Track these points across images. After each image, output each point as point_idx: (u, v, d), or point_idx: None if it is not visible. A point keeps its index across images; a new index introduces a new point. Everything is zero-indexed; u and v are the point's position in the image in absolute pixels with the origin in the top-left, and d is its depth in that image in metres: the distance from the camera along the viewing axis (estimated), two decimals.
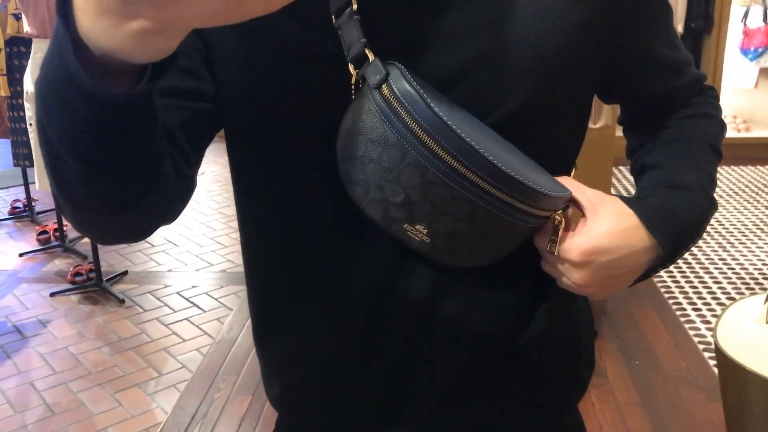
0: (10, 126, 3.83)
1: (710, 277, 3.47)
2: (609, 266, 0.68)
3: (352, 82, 0.65)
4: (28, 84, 3.41)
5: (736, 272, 3.53)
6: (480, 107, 0.67)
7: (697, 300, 3.26)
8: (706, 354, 2.80)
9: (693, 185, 0.74)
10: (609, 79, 0.76)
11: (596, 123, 2.75)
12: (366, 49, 0.63)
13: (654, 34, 0.75)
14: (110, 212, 0.59)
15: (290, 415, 0.87)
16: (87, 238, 0.72)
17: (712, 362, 2.73)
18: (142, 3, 0.43)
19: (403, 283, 0.73)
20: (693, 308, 3.18)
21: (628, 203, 0.71)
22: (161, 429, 2.44)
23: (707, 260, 3.66)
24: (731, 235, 3.97)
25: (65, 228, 3.98)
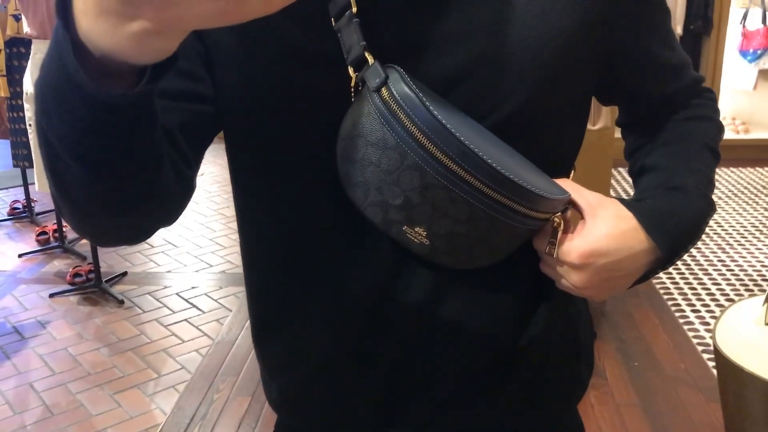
0: (10, 127, 3.83)
1: (709, 279, 3.47)
2: (608, 268, 0.69)
3: (352, 85, 0.65)
4: (28, 85, 3.40)
5: (735, 274, 3.53)
6: (479, 108, 0.67)
7: (697, 301, 3.26)
8: (705, 355, 2.80)
9: (691, 187, 0.74)
10: (607, 81, 0.76)
11: (595, 124, 2.75)
12: (365, 52, 0.63)
13: (652, 36, 0.75)
14: (109, 213, 0.59)
15: (290, 417, 0.87)
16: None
17: (711, 364, 2.73)
18: (142, 4, 0.43)
19: (403, 285, 0.73)
20: (692, 310, 3.18)
21: (627, 206, 0.71)
22: (160, 430, 2.43)
23: (706, 262, 3.66)
24: (730, 237, 3.97)
25: (64, 229, 3.98)
